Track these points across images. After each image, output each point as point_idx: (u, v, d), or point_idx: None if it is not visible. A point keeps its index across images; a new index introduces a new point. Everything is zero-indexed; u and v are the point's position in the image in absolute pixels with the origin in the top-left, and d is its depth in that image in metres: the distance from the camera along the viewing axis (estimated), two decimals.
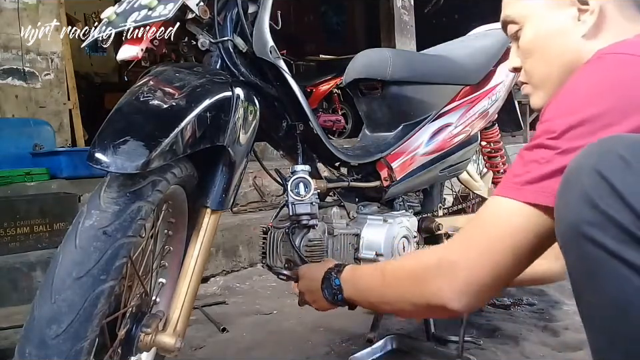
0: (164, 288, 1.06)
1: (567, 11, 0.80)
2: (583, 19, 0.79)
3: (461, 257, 0.75)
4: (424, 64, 1.56)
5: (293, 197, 1.17)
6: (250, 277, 2.50)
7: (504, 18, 0.89)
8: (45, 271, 1.37)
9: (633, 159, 0.56)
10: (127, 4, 1.00)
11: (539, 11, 0.83)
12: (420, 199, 1.69)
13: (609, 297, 0.57)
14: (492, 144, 1.94)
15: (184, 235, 1.07)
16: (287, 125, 1.23)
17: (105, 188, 0.80)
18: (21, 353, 0.70)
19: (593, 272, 0.58)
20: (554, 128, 0.69)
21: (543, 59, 0.84)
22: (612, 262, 0.56)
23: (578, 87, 0.71)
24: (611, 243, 0.55)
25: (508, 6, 0.88)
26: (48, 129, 3.01)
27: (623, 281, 0.55)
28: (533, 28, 0.84)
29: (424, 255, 0.85)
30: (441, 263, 0.77)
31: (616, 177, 0.56)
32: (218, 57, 1.08)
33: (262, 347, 1.61)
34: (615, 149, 0.58)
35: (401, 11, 5.99)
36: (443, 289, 0.76)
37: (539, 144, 0.70)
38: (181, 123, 0.84)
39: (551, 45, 0.82)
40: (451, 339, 1.51)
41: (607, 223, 0.56)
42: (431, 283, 0.78)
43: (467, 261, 0.74)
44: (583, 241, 0.58)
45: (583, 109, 0.67)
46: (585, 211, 0.58)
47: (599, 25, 0.78)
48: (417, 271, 0.82)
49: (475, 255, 0.74)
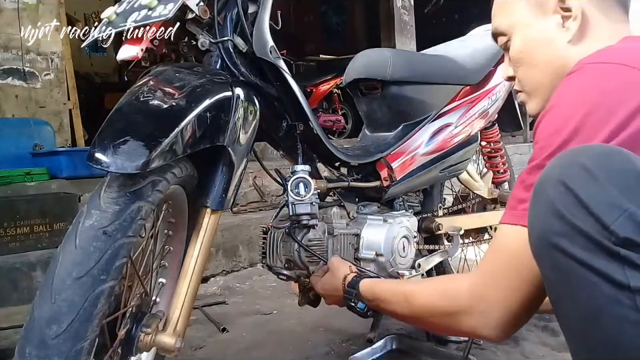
0: (164, 288, 1.06)
1: (552, 19, 0.82)
2: (567, 26, 0.81)
3: (491, 295, 0.76)
4: (424, 64, 1.56)
5: (293, 197, 1.17)
6: (250, 277, 2.50)
7: (493, 30, 0.92)
8: (45, 271, 1.37)
9: (596, 169, 0.58)
10: (127, 4, 1.00)
11: (525, 21, 0.85)
12: (420, 199, 1.69)
13: (581, 304, 0.59)
14: (492, 144, 1.94)
15: (184, 235, 1.07)
16: (287, 125, 1.23)
17: (104, 188, 0.80)
18: (21, 353, 0.70)
19: (564, 280, 0.60)
20: (548, 147, 0.70)
21: (533, 67, 0.86)
22: (581, 270, 0.57)
23: (563, 101, 0.73)
24: (579, 252, 0.57)
25: (496, 18, 0.91)
26: (48, 129, 3.01)
27: (593, 288, 0.56)
28: (521, 38, 0.86)
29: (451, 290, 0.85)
30: (472, 303, 0.79)
31: (580, 188, 0.58)
32: (218, 57, 1.08)
33: (262, 347, 1.61)
34: (578, 160, 0.60)
35: (401, 11, 5.99)
36: (478, 328, 0.79)
37: (537, 165, 0.72)
38: (180, 123, 0.84)
39: (539, 53, 0.85)
40: (451, 339, 1.52)
41: (573, 232, 0.57)
42: (464, 322, 0.80)
43: (498, 300, 0.75)
44: (553, 251, 0.59)
45: (571, 123, 0.68)
46: (553, 222, 0.59)
47: (583, 30, 0.80)
48: (448, 309, 0.83)
49: (504, 292, 0.75)
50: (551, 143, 0.70)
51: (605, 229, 0.56)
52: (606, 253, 0.56)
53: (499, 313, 0.76)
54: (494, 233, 1.88)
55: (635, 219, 0.55)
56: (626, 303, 0.55)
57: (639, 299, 0.55)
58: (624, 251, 0.55)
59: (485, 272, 0.80)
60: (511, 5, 0.88)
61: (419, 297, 0.92)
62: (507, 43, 0.89)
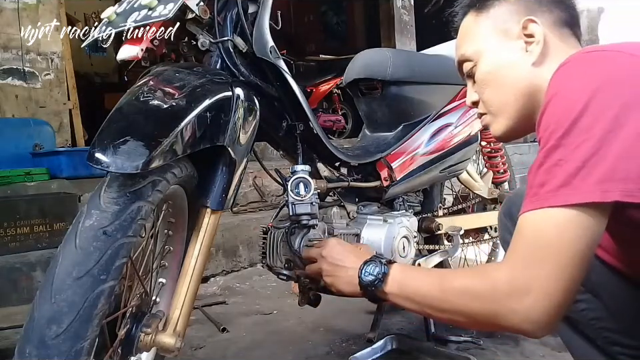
0: (164, 288, 1.06)
1: (516, 44, 0.89)
2: (530, 50, 0.87)
3: (530, 284, 0.71)
4: (424, 64, 1.56)
5: (293, 197, 1.17)
6: (250, 277, 2.50)
7: (459, 58, 0.97)
8: (45, 271, 1.37)
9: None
10: (127, 4, 1.00)
11: (491, 47, 0.91)
12: (420, 199, 1.69)
13: None
14: (492, 144, 1.94)
15: (184, 235, 1.07)
16: (287, 125, 1.23)
17: (105, 188, 0.79)
18: (21, 353, 0.70)
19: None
20: (560, 128, 0.70)
21: (500, 89, 0.91)
22: None
23: (565, 86, 0.73)
24: None
25: (462, 46, 0.97)
26: (48, 129, 3.01)
27: None
28: (487, 62, 0.92)
29: (490, 273, 0.79)
30: (512, 289, 0.73)
31: None
32: (218, 57, 1.08)
33: (262, 347, 1.61)
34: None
35: (401, 11, 5.99)
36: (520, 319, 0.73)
37: (554, 145, 0.70)
38: (181, 123, 0.84)
39: (505, 75, 0.90)
40: (451, 339, 1.52)
41: None
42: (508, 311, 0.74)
43: (540, 288, 0.71)
44: None
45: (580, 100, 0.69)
46: None
47: (544, 53, 0.86)
48: (490, 296, 0.76)
49: (542, 279, 0.70)
50: (563, 122, 0.70)
51: None
52: None
53: (542, 306, 0.70)
54: (494, 232, 1.88)
55: None
56: None
57: None
58: None
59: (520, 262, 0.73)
60: (476, 32, 0.94)
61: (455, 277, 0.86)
62: (472, 69, 0.94)
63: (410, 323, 1.75)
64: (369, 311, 1.76)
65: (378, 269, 0.94)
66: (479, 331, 1.63)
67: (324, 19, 8.31)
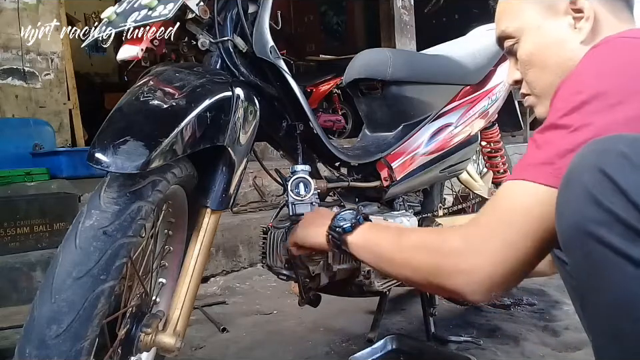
0: (164, 288, 1.06)
1: (563, 20, 0.81)
2: (579, 26, 0.80)
3: (483, 246, 0.71)
4: (424, 64, 1.56)
5: (293, 197, 1.17)
6: (250, 277, 2.50)
7: (499, 34, 0.90)
8: (45, 271, 1.37)
9: (635, 156, 0.56)
10: (127, 4, 1.00)
11: (535, 23, 0.84)
12: (420, 199, 1.69)
13: (614, 295, 0.57)
14: (492, 144, 1.94)
15: (184, 235, 1.07)
16: (287, 125, 1.23)
17: (105, 188, 0.80)
18: (21, 353, 0.70)
19: (597, 270, 0.58)
20: (564, 107, 0.68)
21: (545, 70, 0.84)
22: (617, 260, 0.55)
23: (586, 68, 0.71)
24: (617, 241, 0.55)
25: (502, 21, 0.89)
26: (48, 129, 3.01)
27: (629, 278, 0.55)
28: (531, 40, 0.85)
29: (448, 235, 0.79)
30: (463, 250, 0.73)
31: (619, 175, 0.56)
32: (218, 57, 1.08)
33: (262, 347, 1.61)
34: (616, 146, 0.58)
35: (401, 10, 5.99)
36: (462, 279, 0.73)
37: (552, 124, 0.70)
38: (181, 123, 0.84)
39: (551, 55, 0.83)
40: (451, 339, 1.52)
41: (612, 220, 0.55)
42: (450, 268, 0.74)
43: (490, 253, 0.70)
44: (588, 239, 0.57)
45: (593, 87, 0.67)
46: (589, 209, 0.57)
47: (595, 30, 0.79)
48: (439, 250, 0.77)
49: (496, 245, 0.70)
50: (568, 102, 0.68)
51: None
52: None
53: (488, 269, 0.70)
54: None
55: None
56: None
57: None
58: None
59: (483, 224, 0.74)
60: (518, 7, 0.86)
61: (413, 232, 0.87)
62: (514, 47, 0.88)
63: (410, 323, 1.75)
64: (369, 311, 1.76)
65: (353, 218, 0.96)
66: (478, 330, 1.63)
67: (324, 19, 8.31)
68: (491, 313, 1.80)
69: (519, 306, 1.85)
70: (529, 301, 1.89)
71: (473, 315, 1.78)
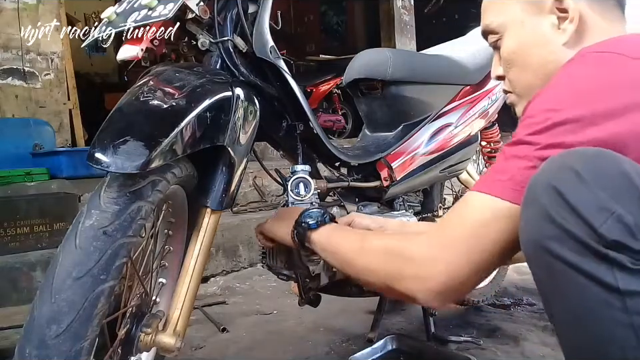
0: (164, 288, 1.06)
1: (547, 19, 0.79)
2: (563, 27, 0.78)
3: (440, 255, 0.74)
4: (424, 64, 1.56)
5: (293, 197, 1.17)
6: (250, 277, 2.50)
7: (483, 28, 0.89)
8: (45, 271, 1.37)
9: (585, 172, 0.58)
10: (127, 4, 1.00)
11: (518, 20, 0.81)
12: (420, 199, 1.69)
13: (571, 306, 0.60)
14: (492, 144, 1.94)
15: (184, 235, 1.07)
16: (287, 125, 1.23)
17: (105, 188, 0.80)
18: (21, 353, 0.70)
19: (556, 283, 0.61)
20: (536, 125, 0.69)
21: (526, 69, 0.83)
22: (572, 273, 0.58)
23: (561, 85, 0.71)
24: (570, 255, 0.58)
25: (486, 15, 0.88)
26: (48, 129, 3.00)
27: (583, 290, 0.57)
28: (513, 38, 0.83)
29: (410, 241, 0.81)
30: (421, 257, 0.76)
31: (570, 191, 0.58)
32: (218, 57, 1.08)
33: (262, 347, 1.61)
34: (569, 164, 0.60)
35: (401, 10, 5.99)
36: (417, 285, 0.76)
37: (520, 140, 0.71)
38: (181, 122, 0.84)
39: (533, 55, 0.82)
40: (451, 339, 1.52)
41: (564, 236, 0.58)
42: (407, 273, 0.77)
43: (446, 263, 0.73)
44: (544, 254, 0.60)
45: (565, 109, 0.67)
46: (544, 226, 0.60)
47: (580, 32, 0.77)
48: (400, 255, 0.79)
49: (453, 256, 0.73)
50: (538, 121, 0.68)
51: (594, 232, 0.56)
52: (595, 255, 0.56)
53: (443, 277, 0.73)
54: None
55: (623, 221, 0.56)
56: (616, 305, 0.56)
57: (629, 300, 0.55)
58: (613, 253, 0.56)
59: (444, 233, 0.76)
60: (502, 2, 0.84)
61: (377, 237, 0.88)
62: (498, 42, 0.86)
63: (410, 323, 1.75)
64: (369, 311, 1.76)
65: (319, 216, 0.98)
66: (478, 330, 1.63)
67: (324, 19, 8.31)
68: (491, 312, 1.80)
69: (519, 306, 1.85)
70: (528, 300, 1.89)
71: (472, 315, 1.79)
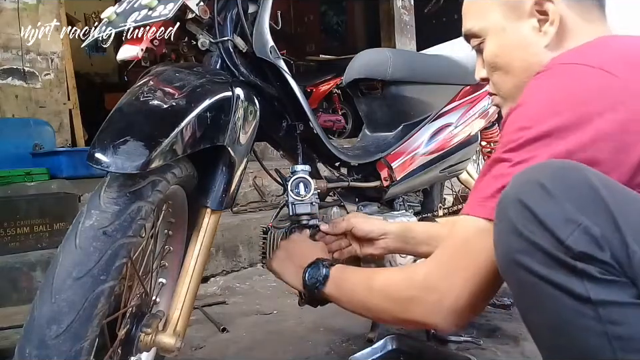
0: (164, 288, 1.06)
1: (527, 22, 0.79)
2: (544, 30, 0.77)
3: (445, 284, 0.76)
4: (424, 64, 1.56)
5: (293, 197, 1.17)
6: (250, 277, 2.50)
7: (465, 32, 0.88)
8: (45, 271, 1.37)
9: (551, 185, 0.59)
10: (127, 4, 1.00)
11: (499, 24, 0.81)
12: (420, 199, 1.70)
13: (546, 317, 0.61)
14: (492, 144, 1.94)
15: (184, 235, 1.07)
16: (287, 125, 1.23)
17: (105, 188, 0.79)
18: (21, 353, 0.70)
19: (529, 296, 0.62)
20: (509, 142, 0.70)
21: (509, 73, 0.83)
22: (543, 286, 0.59)
23: (531, 101, 0.71)
24: (540, 268, 0.59)
25: (467, 19, 0.87)
26: (48, 129, 3.00)
27: (556, 302, 0.58)
28: (495, 41, 0.83)
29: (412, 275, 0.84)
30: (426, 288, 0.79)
31: (536, 205, 0.59)
32: (218, 57, 1.08)
33: (262, 347, 1.61)
34: (535, 177, 0.61)
35: (401, 10, 5.99)
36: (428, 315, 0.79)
37: (497, 158, 0.72)
38: (181, 123, 0.84)
39: (515, 58, 0.81)
40: (451, 339, 1.52)
41: (533, 249, 0.59)
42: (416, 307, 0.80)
43: (451, 290, 0.75)
44: (516, 268, 0.61)
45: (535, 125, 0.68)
46: (514, 240, 0.61)
47: (561, 34, 0.77)
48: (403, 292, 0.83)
49: (457, 282, 0.75)
50: (512, 139, 0.70)
51: (561, 244, 0.57)
52: (564, 267, 0.57)
53: (450, 301, 0.75)
54: None
55: (590, 232, 0.56)
56: (589, 314, 0.56)
57: (601, 310, 0.56)
58: (581, 264, 0.56)
59: (441, 261, 0.79)
60: (483, 6, 0.83)
61: (381, 276, 0.91)
62: (480, 45, 0.86)
63: None
64: None
65: (319, 272, 1.00)
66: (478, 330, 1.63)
67: (324, 19, 8.31)
68: (491, 313, 1.80)
69: None
70: None
71: None
